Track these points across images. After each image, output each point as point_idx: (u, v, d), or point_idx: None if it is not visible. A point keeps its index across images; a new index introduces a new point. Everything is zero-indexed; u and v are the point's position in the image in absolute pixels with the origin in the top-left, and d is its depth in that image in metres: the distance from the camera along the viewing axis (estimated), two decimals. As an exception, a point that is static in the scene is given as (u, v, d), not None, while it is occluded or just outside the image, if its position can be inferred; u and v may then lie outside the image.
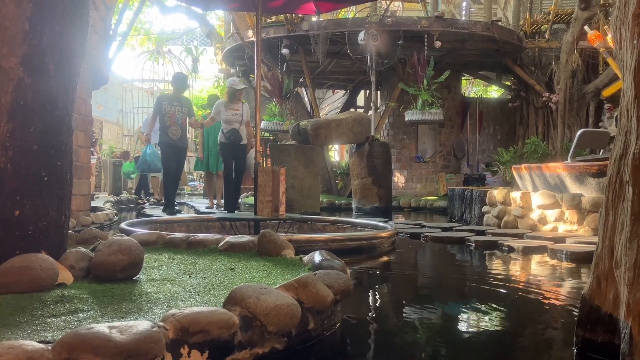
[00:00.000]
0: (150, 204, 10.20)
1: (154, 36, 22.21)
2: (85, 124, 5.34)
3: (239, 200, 8.89)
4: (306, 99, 13.46)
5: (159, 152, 8.43)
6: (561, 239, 4.43)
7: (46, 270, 1.90)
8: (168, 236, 3.19)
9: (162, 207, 8.30)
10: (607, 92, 10.89)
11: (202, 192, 14.85)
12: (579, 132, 6.92)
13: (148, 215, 7.24)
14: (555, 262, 3.73)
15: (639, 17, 1.48)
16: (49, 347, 1.21)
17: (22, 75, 2.04)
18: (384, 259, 4.10)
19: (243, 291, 1.60)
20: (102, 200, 8.78)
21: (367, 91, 14.09)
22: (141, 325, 1.31)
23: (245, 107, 7.57)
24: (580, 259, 3.61)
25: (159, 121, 7.38)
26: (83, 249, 2.24)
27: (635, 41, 1.49)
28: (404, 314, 2.36)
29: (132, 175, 12.35)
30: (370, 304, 2.59)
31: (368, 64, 10.01)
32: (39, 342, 1.23)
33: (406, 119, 10.47)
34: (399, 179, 12.18)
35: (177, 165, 7.44)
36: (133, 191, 12.31)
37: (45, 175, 2.09)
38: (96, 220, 5.63)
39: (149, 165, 8.09)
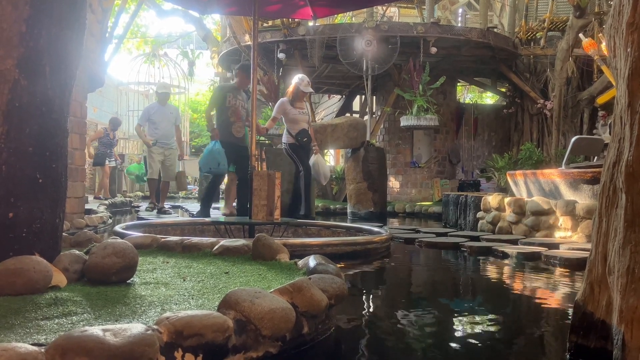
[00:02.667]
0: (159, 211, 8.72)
1: (150, 39, 22.20)
2: (81, 126, 5.33)
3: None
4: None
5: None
6: (555, 245, 4.44)
7: (40, 272, 1.89)
8: (162, 239, 3.18)
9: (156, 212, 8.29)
10: (601, 100, 10.95)
11: (196, 195, 14.79)
12: (573, 139, 6.96)
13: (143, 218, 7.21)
14: (549, 268, 3.74)
15: (633, 25, 1.50)
16: (42, 350, 1.21)
17: (18, 77, 2.04)
18: (379, 264, 4.10)
19: (237, 295, 1.60)
20: (97, 203, 8.76)
21: (363, 96, 14.12)
22: (135, 328, 1.31)
23: (309, 107, 7.13)
24: (574, 265, 3.62)
25: (220, 115, 6.45)
26: (77, 252, 2.24)
27: (628, 49, 1.51)
28: (398, 319, 2.36)
29: (145, 178, 11.48)
30: (365, 308, 2.59)
31: (363, 69, 10.03)
32: (32, 344, 1.23)
33: (401, 124, 10.49)
34: (394, 184, 12.20)
35: (241, 167, 6.49)
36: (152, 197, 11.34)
37: (40, 177, 2.09)
38: (90, 223, 5.61)
39: (219, 164, 6.44)
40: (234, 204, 7.39)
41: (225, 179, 8.18)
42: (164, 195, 8.60)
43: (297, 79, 6.72)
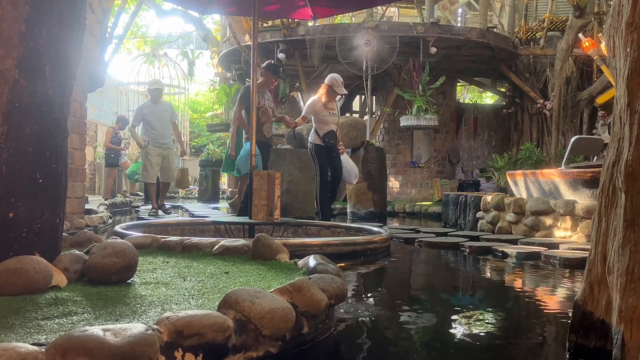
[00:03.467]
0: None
1: (150, 39, 22.20)
2: (81, 126, 5.33)
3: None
4: (302, 103, 13.47)
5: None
6: (555, 245, 4.44)
7: (40, 272, 1.89)
8: (162, 239, 3.18)
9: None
10: (600, 100, 10.96)
11: (196, 195, 14.78)
12: (572, 139, 6.96)
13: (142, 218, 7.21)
14: (548, 268, 3.74)
15: (632, 25, 1.50)
16: (43, 350, 1.21)
17: (18, 77, 2.04)
18: (379, 263, 4.10)
19: (237, 295, 1.60)
20: (97, 203, 8.75)
21: (363, 96, 14.13)
22: (135, 328, 1.31)
23: (338, 107, 6.84)
24: (574, 265, 3.62)
25: (250, 116, 6.15)
26: (77, 252, 2.24)
27: (628, 49, 1.51)
28: (398, 319, 2.36)
29: (135, 177, 11.50)
30: (365, 308, 2.59)
31: (363, 69, 10.04)
32: (33, 344, 1.23)
33: (401, 124, 10.50)
34: (393, 184, 12.20)
35: (268, 167, 6.37)
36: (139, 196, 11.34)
37: (40, 177, 2.09)
38: (90, 223, 5.61)
39: (257, 164, 6.17)
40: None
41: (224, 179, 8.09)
42: (164, 194, 8.34)
43: (329, 79, 6.57)
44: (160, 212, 8.00)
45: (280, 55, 10.72)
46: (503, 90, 13.58)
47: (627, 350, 1.39)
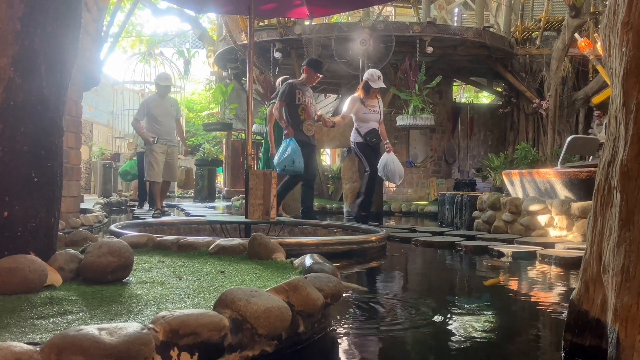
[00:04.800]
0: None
1: (145, 38, 22.15)
2: (76, 125, 5.31)
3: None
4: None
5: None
6: (550, 245, 4.46)
7: (35, 271, 1.88)
8: (158, 239, 3.18)
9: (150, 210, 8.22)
10: (596, 99, 11.00)
11: (192, 194, 14.75)
12: (568, 139, 6.98)
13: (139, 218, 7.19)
14: (544, 267, 3.75)
15: (628, 25, 1.50)
16: (38, 349, 1.20)
17: (13, 75, 2.03)
18: (375, 263, 4.10)
19: (233, 294, 1.60)
20: (92, 202, 8.73)
21: (359, 96, 14.09)
22: (131, 327, 1.31)
23: (381, 104, 6.62)
24: (569, 264, 3.63)
25: (290, 113, 6.13)
26: (72, 251, 2.23)
27: (624, 49, 1.51)
28: (394, 318, 2.36)
29: (128, 177, 10.95)
30: (361, 307, 2.59)
31: (359, 68, 10.04)
32: (28, 343, 1.22)
33: (397, 123, 10.50)
34: (389, 183, 12.21)
35: (307, 168, 6.20)
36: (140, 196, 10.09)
37: (35, 176, 2.08)
38: (85, 222, 5.60)
39: (294, 162, 5.96)
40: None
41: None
42: (164, 195, 8.03)
43: (367, 75, 6.43)
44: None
45: (277, 55, 10.71)
46: (499, 89, 13.61)
47: (622, 349, 1.40)
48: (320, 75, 6.38)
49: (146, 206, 8.99)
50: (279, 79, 6.82)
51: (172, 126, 7.54)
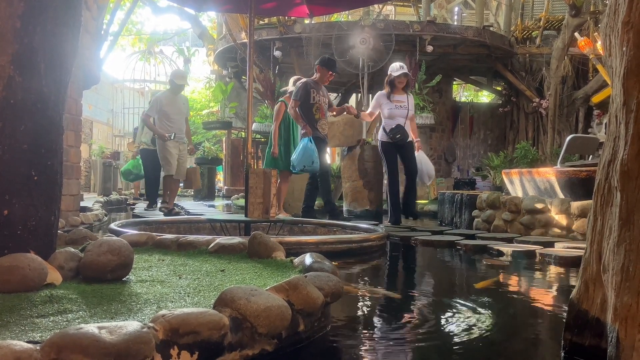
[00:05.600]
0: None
1: (145, 37, 22.14)
2: (76, 123, 5.31)
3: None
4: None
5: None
6: (550, 244, 4.46)
7: (35, 270, 1.88)
8: (158, 237, 3.17)
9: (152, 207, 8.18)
10: (596, 99, 11.00)
11: (192, 193, 14.74)
12: (568, 138, 6.98)
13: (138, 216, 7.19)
14: (544, 266, 3.75)
15: (629, 24, 1.50)
16: (38, 347, 1.20)
17: (13, 73, 2.03)
18: (375, 261, 4.10)
19: (233, 293, 1.60)
20: (92, 201, 8.73)
21: (359, 94, 14.12)
22: (131, 325, 1.31)
23: (411, 99, 6.40)
24: (569, 264, 3.64)
25: (305, 112, 6.09)
26: (72, 249, 2.23)
27: (624, 48, 1.51)
28: (393, 317, 2.37)
29: (130, 177, 10.68)
30: (361, 306, 2.59)
31: (359, 67, 10.04)
32: (28, 342, 1.22)
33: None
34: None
35: (327, 166, 6.23)
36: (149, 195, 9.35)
37: (35, 174, 2.08)
38: (85, 221, 5.60)
39: (313, 162, 5.92)
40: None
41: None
42: (174, 194, 7.80)
43: (392, 68, 6.26)
44: (155, 209, 7.90)
45: (277, 53, 10.71)
46: (499, 89, 13.62)
47: (622, 349, 1.40)
48: (334, 74, 6.32)
49: (156, 204, 8.38)
50: (293, 78, 6.74)
51: (183, 124, 7.44)
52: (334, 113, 6.50)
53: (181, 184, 7.59)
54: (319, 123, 6.10)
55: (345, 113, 6.80)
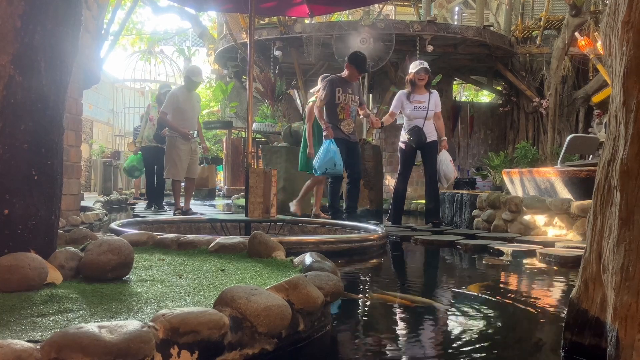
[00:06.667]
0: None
1: (145, 36, 22.15)
2: (76, 123, 5.31)
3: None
4: (298, 101, 13.48)
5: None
6: (550, 243, 4.46)
7: (35, 269, 1.89)
8: (158, 237, 3.17)
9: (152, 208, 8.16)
10: (596, 98, 11.00)
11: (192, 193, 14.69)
12: (568, 138, 6.99)
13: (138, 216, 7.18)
14: (544, 266, 3.76)
15: (628, 24, 1.50)
16: (38, 347, 1.20)
17: (13, 73, 2.03)
18: (375, 261, 4.10)
19: (233, 292, 1.60)
20: (92, 200, 8.73)
21: (359, 94, 14.11)
22: (131, 325, 1.31)
23: (433, 97, 6.14)
24: (569, 263, 3.64)
25: (328, 111, 5.93)
26: (73, 249, 2.23)
27: (624, 48, 1.51)
28: (393, 317, 2.37)
29: (136, 174, 10.43)
30: (361, 306, 2.60)
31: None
32: (28, 341, 1.23)
33: (397, 122, 10.49)
34: (390, 182, 12.21)
35: (353, 166, 6.08)
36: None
37: (36, 174, 2.08)
38: (86, 220, 5.60)
39: (335, 164, 5.78)
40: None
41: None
42: (190, 194, 7.56)
43: (412, 66, 6.08)
44: (158, 211, 7.83)
45: (277, 53, 10.71)
46: (499, 88, 13.61)
47: (622, 348, 1.40)
48: (362, 73, 6.09)
49: (157, 205, 8.25)
50: (321, 76, 6.50)
51: (196, 122, 7.22)
52: (362, 113, 6.28)
53: (183, 184, 7.41)
54: (342, 123, 5.94)
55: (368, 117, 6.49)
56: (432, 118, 6.07)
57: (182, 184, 7.31)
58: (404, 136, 6.10)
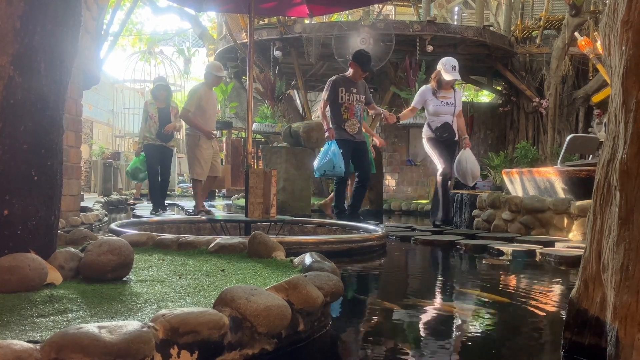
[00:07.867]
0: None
1: (145, 37, 22.15)
2: (76, 123, 5.31)
3: None
4: (298, 101, 13.49)
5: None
6: (550, 243, 4.46)
7: (35, 270, 1.89)
8: (158, 237, 3.18)
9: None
10: (596, 98, 11.00)
11: (192, 193, 14.68)
12: (568, 138, 6.99)
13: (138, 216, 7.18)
14: (544, 265, 3.76)
15: (628, 23, 1.50)
16: (38, 347, 1.21)
17: (13, 73, 2.03)
18: (375, 261, 4.10)
19: (233, 292, 1.60)
20: (92, 201, 8.73)
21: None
22: (131, 325, 1.31)
23: (458, 94, 6.05)
24: (569, 263, 3.64)
25: (332, 112, 5.85)
26: (72, 249, 2.23)
27: (623, 47, 1.51)
28: (393, 317, 2.37)
29: (140, 176, 10.17)
30: (361, 306, 2.60)
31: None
32: (28, 341, 1.23)
33: (399, 122, 10.50)
34: (390, 182, 12.22)
35: (361, 167, 6.00)
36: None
37: (35, 174, 2.08)
38: (86, 221, 5.60)
39: (334, 166, 5.68)
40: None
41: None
42: (207, 193, 7.38)
43: (440, 64, 5.95)
44: (162, 213, 7.68)
45: (277, 53, 10.71)
46: (499, 88, 13.61)
47: (622, 348, 1.40)
48: (367, 71, 6.00)
49: (162, 208, 7.86)
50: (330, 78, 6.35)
51: (215, 120, 7.03)
52: (372, 112, 6.13)
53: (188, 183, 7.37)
54: (347, 123, 5.85)
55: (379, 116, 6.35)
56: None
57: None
58: (428, 132, 5.95)
